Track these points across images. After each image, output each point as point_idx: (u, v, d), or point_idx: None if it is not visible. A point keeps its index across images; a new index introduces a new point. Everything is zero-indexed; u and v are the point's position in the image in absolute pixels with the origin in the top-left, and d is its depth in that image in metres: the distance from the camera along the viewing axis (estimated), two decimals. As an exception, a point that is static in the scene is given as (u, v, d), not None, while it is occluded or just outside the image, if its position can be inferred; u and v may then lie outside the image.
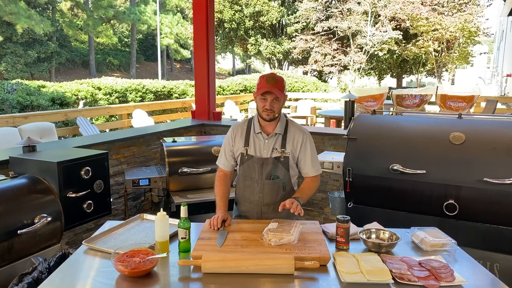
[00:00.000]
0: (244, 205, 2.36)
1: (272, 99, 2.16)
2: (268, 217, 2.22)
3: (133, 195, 4.25)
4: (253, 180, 2.28)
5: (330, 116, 7.96)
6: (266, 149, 2.26)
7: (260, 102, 2.20)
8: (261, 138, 2.27)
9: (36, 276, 1.92)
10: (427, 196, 2.70)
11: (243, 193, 2.35)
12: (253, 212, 2.33)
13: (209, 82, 5.37)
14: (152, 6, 29.45)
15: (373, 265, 1.67)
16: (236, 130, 2.34)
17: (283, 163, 2.26)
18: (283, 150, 2.25)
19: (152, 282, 1.63)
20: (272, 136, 2.26)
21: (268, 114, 2.19)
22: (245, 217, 2.36)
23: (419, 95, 3.90)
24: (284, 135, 2.27)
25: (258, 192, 2.28)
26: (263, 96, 2.17)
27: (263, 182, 2.26)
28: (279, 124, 2.27)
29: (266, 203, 2.29)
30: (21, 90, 9.01)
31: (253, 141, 2.28)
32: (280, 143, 2.26)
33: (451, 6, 17.47)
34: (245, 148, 2.28)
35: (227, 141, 2.36)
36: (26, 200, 2.42)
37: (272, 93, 2.14)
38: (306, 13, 19.89)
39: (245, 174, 2.31)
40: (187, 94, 12.44)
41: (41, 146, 3.27)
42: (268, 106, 2.17)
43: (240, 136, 2.31)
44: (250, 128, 2.31)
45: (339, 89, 17.97)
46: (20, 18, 21.62)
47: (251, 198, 2.31)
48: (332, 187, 4.36)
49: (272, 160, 2.25)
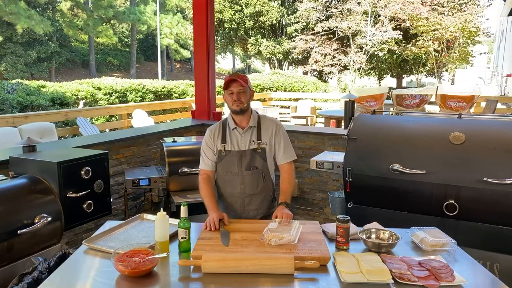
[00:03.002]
0: (227, 200, 2.45)
1: (238, 91, 2.30)
2: (250, 209, 2.39)
3: (133, 195, 4.25)
4: (233, 173, 2.39)
5: (330, 116, 7.96)
6: (243, 142, 2.40)
7: (229, 97, 2.34)
8: (237, 133, 2.41)
9: (36, 276, 1.92)
10: (427, 196, 2.70)
11: (225, 188, 2.45)
12: (236, 205, 2.42)
13: (209, 82, 5.37)
14: (152, 6, 29.45)
15: (373, 265, 1.67)
16: (213, 130, 2.47)
17: (261, 154, 2.39)
18: (259, 142, 2.38)
19: (152, 282, 1.63)
20: (247, 130, 2.40)
21: (238, 105, 2.32)
22: (228, 213, 2.37)
23: (419, 95, 3.90)
24: (258, 127, 2.42)
25: (240, 184, 2.38)
26: (229, 90, 2.32)
27: (243, 174, 2.38)
28: (251, 118, 2.42)
29: (248, 193, 2.40)
30: (21, 90, 9.02)
31: (229, 137, 2.41)
32: (256, 135, 2.39)
33: (451, 6, 17.48)
34: (222, 145, 2.40)
35: (205, 143, 2.46)
36: (26, 200, 2.42)
37: (236, 81, 2.30)
38: (306, 13, 19.88)
39: (225, 170, 2.41)
40: (187, 94, 12.44)
41: (41, 146, 3.27)
42: (236, 97, 2.31)
43: (217, 135, 2.43)
44: (225, 126, 2.44)
45: (339, 89, 17.96)
46: (20, 18, 21.63)
47: (233, 191, 2.41)
48: (332, 187, 4.36)
49: (250, 152, 2.38)
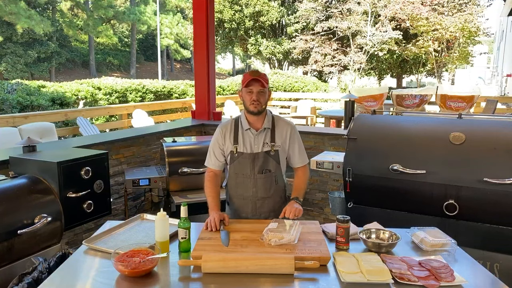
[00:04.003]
0: (238, 203, 2.39)
1: (258, 91, 2.22)
2: (263, 211, 2.31)
3: (133, 195, 4.25)
4: (245, 176, 2.32)
5: (330, 116, 7.96)
6: (256, 144, 2.31)
7: (247, 95, 2.24)
8: (250, 134, 2.32)
9: (36, 276, 1.92)
10: (427, 196, 2.70)
11: (236, 191, 2.37)
12: (247, 208, 2.35)
13: (209, 82, 5.37)
14: (152, 6, 29.44)
15: (373, 265, 1.67)
16: (224, 129, 2.37)
17: (274, 157, 2.31)
18: (273, 144, 2.31)
19: (152, 282, 1.63)
20: (261, 131, 2.32)
21: (256, 106, 2.23)
22: (239, 215, 2.38)
23: (419, 95, 3.90)
24: (272, 129, 2.33)
25: (252, 187, 2.32)
26: (249, 88, 2.22)
27: (256, 177, 2.30)
28: (266, 119, 2.33)
29: (260, 197, 2.33)
30: (21, 90, 9.01)
31: (242, 138, 2.32)
32: (270, 137, 2.32)
33: (451, 6, 17.47)
34: (234, 146, 2.32)
35: (215, 141, 2.39)
36: (26, 200, 2.42)
37: (258, 81, 2.20)
38: (306, 13, 19.88)
39: (236, 172, 2.34)
40: (187, 94, 12.43)
41: (41, 146, 3.27)
42: (255, 97, 2.22)
43: (229, 134, 2.35)
44: (238, 126, 2.35)
45: (339, 89, 17.95)
46: (20, 18, 21.62)
47: (245, 194, 2.34)
48: (332, 187, 4.36)
49: (263, 154, 2.30)
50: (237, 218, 2.37)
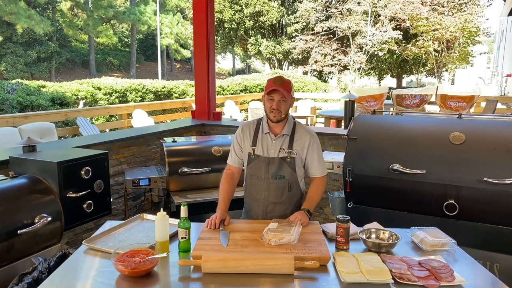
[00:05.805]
0: (250, 203, 2.42)
1: (279, 99, 2.20)
2: (273, 216, 2.29)
3: (133, 195, 4.25)
4: (259, 178, 2.33)
5: (330, 116, 7.96)
6: (273, 149, 2.31)
7: (268, 102, 2.24)
8: (268, 138, 2.32)
9: (36, 276, 1.92)
10: (427, 196, 2.70)
11: (250, 191, 2.40)
12: (258, 210, 2.37)
13: (209, 82, 5.37)
14: (152, 6, 29.44)
15: (373, 265, 1.67)
16: (245, 129, 2.39)
17: (289, 163, 2.30)
18: (290, 151, 2.29)
19: (152, 282, 1.63)
20: (279, 137, 2.31)
21: (275, 115, 2.23)
22: (250, 216, 2.41)
23: (419, 95, 3.90)
24: (291, 136, 2.32)
25: (264, 190, 2.33)
26: (270, 96, 2.21)
27: (269, 181, 2.31)
28: (286, 125, 2.32)
29: (272, 201, 2.33)
30: (21, 90, 9.01)
31: (260, 141, 2.33)
32: (288, 143, 2.30)
33: (451, 6, 17.47)
34: (252, 148, 2.33)
35: (235, 138, 2.41)
36: (26, 200, 2.42)
37: (279, 91, 2.18)
38: (306, 13, 19.90)
39: (251, 173, 2.36)
40: (187, 94, 12.43)
41: (41, 146, 3.26)
42: (275, 106, 2.21)
43: (248, 135, 2.37)
44: (258, 128, 2.36)
45: (339, 89, 17.97)
46: (20, 18, 21.63)
47: (257, 196, 2.36)
48: (332, 187, 4.36)
49: (278, 160, 2.29)
50: (249, 218, 2.41)
